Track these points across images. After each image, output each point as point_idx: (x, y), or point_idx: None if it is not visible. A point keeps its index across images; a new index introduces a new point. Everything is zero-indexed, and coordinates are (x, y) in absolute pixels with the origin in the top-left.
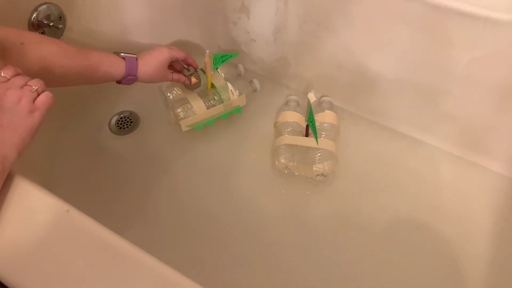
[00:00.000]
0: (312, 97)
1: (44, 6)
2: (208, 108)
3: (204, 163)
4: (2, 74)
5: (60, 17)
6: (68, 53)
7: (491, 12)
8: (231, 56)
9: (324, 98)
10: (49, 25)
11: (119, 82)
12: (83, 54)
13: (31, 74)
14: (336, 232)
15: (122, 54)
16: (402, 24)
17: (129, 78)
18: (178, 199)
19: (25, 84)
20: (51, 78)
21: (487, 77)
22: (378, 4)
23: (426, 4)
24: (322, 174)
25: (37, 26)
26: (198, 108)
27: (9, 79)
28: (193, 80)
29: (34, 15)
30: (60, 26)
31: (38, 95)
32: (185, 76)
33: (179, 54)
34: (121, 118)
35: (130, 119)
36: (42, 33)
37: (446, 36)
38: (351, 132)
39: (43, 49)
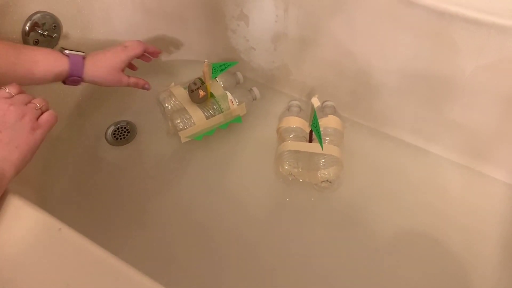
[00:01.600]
0: (316, 101)
1: (38, 15)
2: (207, 118)
3: (205, 173)
4: (7, 90)
5: (54, 26)
6: None
7: (497, 18)
8: (230, 64)
9: (327, 103)
10: (43, 34)
11: (64, 82)
12: (14, 50)
13: None
14: (342, 240)
15: (67, 51)
16: (405, 31)
17: (72, 79)
18: (178, 211)
19: (29, 102)
20: None
21: (493, 84)
22: (381, 11)
23: (430, 11)
24: (327, 180)
25: (31, 35)
26: (197, 119)
27: (13, 96)
28: (201, 93)
29: (28, 24)
30: (55, 35)
31: (42, 113)
32: (191, 89)
33: (136, 51)
34: (118, 128)
35: (127, 129)
36: (36, 42)
37: (451, 43)
38: (354, 141)
39: None
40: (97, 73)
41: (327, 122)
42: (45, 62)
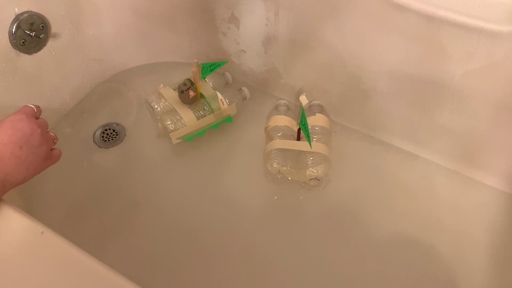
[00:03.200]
0: (304, 99)
1: (26, 15)
2: (198, 118)
3: (195, 174)
4: (35, 110)
5: (42, 27)
6: None
7: (487, 23)
8: (219, 64)
9: (314, 102)
10: (31, 35)
11: None
12: None
13: None
14: (329, 240)
15: None
16: (395, 35)
17: None
18: (167, 213)
19: (48, 131)
20: None
21: (483, 89)
22: (370, 15)
23: (420, 15)
24: (315, 178)
25: (17, 36)
26: (188, 120)
27: (37, 117)
28: (192, 94)
29: (15, 24)
30: (42, 35)
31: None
32: (181, 90)
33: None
34: (106, 130)
35: (116, 132)
36: (23, 43)
37: (440, 48)
38: (344, 146)
39: None
40: None
41: (315, 121)
42: None
